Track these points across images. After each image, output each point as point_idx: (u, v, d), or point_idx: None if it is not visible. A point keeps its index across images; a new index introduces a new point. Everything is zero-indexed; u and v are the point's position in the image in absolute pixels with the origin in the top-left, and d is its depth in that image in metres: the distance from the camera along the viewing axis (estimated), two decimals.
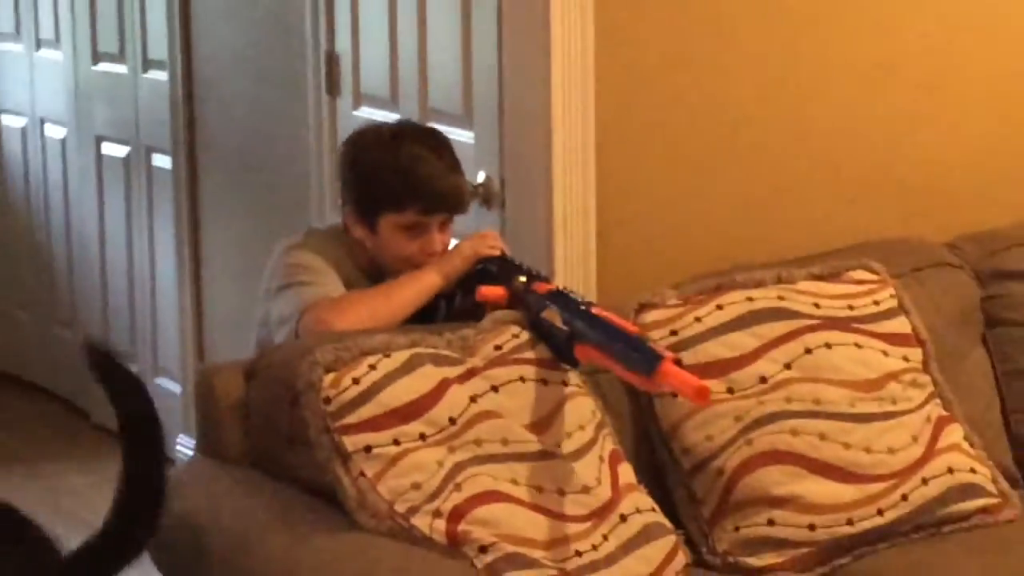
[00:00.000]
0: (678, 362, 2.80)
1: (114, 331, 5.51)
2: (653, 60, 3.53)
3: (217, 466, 3.01)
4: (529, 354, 2.88)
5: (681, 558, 2.91)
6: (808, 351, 3.13)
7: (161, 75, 5.08)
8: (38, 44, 5.95)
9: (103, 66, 5.52)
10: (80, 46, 5.59)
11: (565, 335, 2.87)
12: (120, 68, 5.41)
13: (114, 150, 5.45)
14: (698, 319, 3.11)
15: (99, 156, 5.61)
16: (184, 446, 4.98)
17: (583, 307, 2.91)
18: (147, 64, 5.21)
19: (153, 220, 5.28)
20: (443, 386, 2.76)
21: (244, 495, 2.89)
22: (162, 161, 5.15)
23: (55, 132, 5.89)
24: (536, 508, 2.74)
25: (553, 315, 2.90)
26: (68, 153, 5.81)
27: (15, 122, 6.17)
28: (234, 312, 4.73)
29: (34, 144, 6.08)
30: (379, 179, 3.10)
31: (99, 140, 5.59)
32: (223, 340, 4.82)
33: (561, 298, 2.93)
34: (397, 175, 3.09)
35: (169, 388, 5.18)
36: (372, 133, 3.26)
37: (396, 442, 2.70)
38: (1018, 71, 3.89)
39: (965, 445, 3.21)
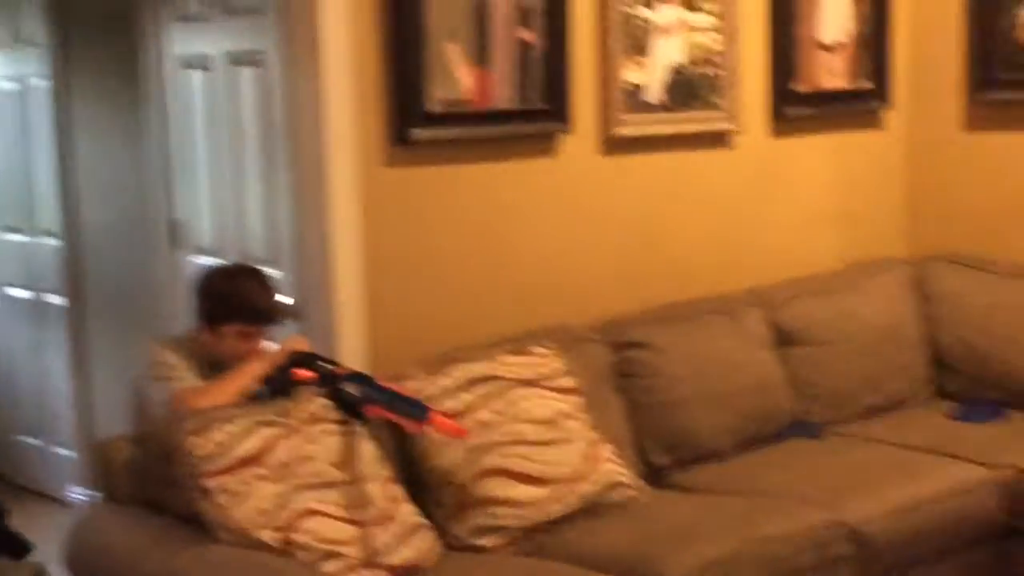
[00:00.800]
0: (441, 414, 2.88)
1: (27, 419, 5.22)
2: (406, 216, 3.49)
3: (114, 507, 2.94)
4: (331, 415, 2.80)
5: (436, 545, 2.93)
6: (509, 402, 3.14)
7: (54, 241, 4.90)
8: None
9: (10, 236, 5.23)
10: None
11: (358, 400, 2.81)
12: (24, 237, 5.16)
13: (20, 293, 5.16)
14: (435, 384, 3.10)
15: (8, 298, 5.29)
16: (78, 494, 4.85)
17: (372, 381, 2.88)
18: (44, 233, 4.98)
19: (50, 342, 5.03)
20: (273, 441, 2.74)
21: (135, 525, 2.82)
22: (55, 299, 4.94)
23: None
24: (339, 519, 2.71)
25: (350, 388, 2.83)
26: None
27: None
28: (113, 399, 4.49)
29: None
30: (221, 302, 3.05)
31: (8, 286, 5.30)
32: (105, 419, 4.61)
33: (356, 377, 2.88)
34: (233, 299, 3.05)
35: (67, 454, 4.97)
36: (216, 271, 3.21)
37: (243, 482, 2.66)
38: (632, 219, 3.93)
39: (612, 457, 3.26)
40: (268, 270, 3.40)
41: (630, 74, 3.87)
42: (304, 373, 2.89)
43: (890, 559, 3.23)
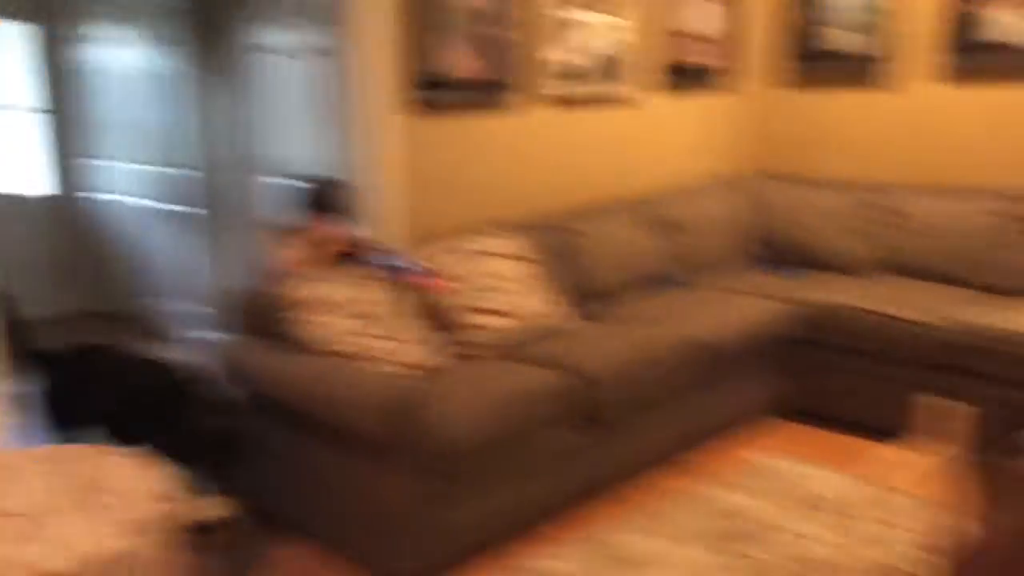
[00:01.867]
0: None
1: (180, 285, 5.10)
2: (426, 149, 3.40)
3: (250, 338, 2.91)
4: (378, 277, 2.87)
5: (449, 355, 2.93)
6: (492, 267, 3.13)
7: (196, 173, 4.78)
8: (137, 162, 5.23)
9: (169, 169, 5.03)
10: (157, 161, 5.15)
11: (398, 270, 2.90)
12: (173, 170, 5.05)
13: (176, 208, 4.95)
14: (449, 255, 3.08)
15: (169, 211, 5.10)
16: (212, 335, 4.63)
17: (399, 260, 2.93)
18: (185, 167, 4.77)
19: (194, 237, 4.87)
20: (343, 291, 2.77)
21: (260, 347, 2.83)
22: (199, 211, 4.78)
23: (144, 204, 5.37)
24: (386, 338, 2.76)
25: (394, 262, 2.90)
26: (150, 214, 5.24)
27: (127, 200, 5.41)
28: (234, 269, 4.27)
29: (126, 209, 5.44)
30: (317, 198, 2.92)
31: (168, 204, 5.16)
32: (230, 282, 4.40)
33: (392, 255, 2.94)
34: (325, 196, 2.92)
35: (204, 309, 4.86)
36: (315, 180, 3.03)
37: (324, 315, 2.72)
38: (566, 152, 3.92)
39: (556, 300, 3.26)
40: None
41: (560, 54, 3.73)
42: (364, 256, 2.93)
43: (726, 355, 3.33)
